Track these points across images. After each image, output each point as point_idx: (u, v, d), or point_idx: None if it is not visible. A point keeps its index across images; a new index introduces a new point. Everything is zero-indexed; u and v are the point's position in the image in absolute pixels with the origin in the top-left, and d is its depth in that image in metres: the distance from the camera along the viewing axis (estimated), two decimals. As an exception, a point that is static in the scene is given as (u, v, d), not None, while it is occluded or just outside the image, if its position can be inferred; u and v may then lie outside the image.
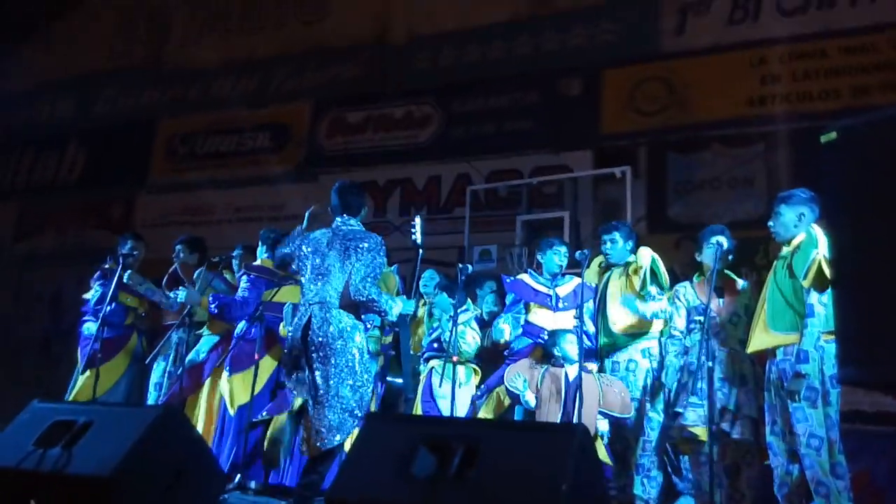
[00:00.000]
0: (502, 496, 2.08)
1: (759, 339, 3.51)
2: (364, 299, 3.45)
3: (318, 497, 3.32)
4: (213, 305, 4.50)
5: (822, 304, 3.35)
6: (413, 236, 3.88)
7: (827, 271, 3.22)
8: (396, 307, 3.55)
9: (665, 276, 4.07)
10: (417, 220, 3.84)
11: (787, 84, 6.43)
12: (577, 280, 4.47)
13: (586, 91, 7.17)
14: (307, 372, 3.47)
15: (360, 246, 3.53)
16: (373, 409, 3.99)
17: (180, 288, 4.65)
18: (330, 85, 8.40)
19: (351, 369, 3.44)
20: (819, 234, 3.33)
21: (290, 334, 3.63)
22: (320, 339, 3.46)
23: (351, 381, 3.43)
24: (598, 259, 4.36)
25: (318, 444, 3.39)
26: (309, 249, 3.67)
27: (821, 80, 6.35)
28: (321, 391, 3.42)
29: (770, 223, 3.62)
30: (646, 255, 4.09)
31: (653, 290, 3.99)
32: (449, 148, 7.61)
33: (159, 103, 9.21)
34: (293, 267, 3.71)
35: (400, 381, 3.88)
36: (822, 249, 3.26)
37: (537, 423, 3.62)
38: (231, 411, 4.36)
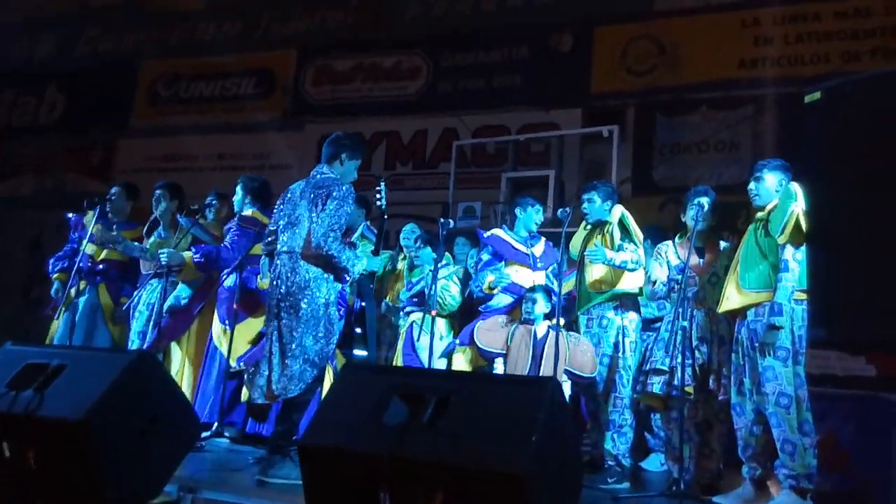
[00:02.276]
0: (473, 445, 2.10)
1: (731, 299, 3.54)
2: (324, 254, 3.39)
3: (293, 446, 3.35)
4: (197, 255, 4.47)
5: (796, 261, 3.38)
6: (378, 201, 3.82)
7: (804, 226, 3.25)
8: (360, 264, 3.52)
9: (636, 231, 4.06)
10: (382, 185, 3.77)
11: (779, 47, 6.38)
12: (543, 240, 4.48)
13: (577, 48, 7.09)
14: (274, 320, 3.47)
15: (328, 194, 3.44)
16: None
17: (163, 251, 4.54)
18: (318, 31, 8.24)
19: (316, 320, 3.44)
20: (797, 190, 3.34)
21: (270, 285, 3.62)
22: (287, 288, 3.45)
23: (314, 332, 3.44)
24: (581, 228, 4.35)
25: (276, 392, 3.42)
26: (286, 199, 3.64)
27: (812, 43, 6.30)
28: (285, 340, 3.43)
29: (751, 187, 3.63)
30: (616, 212, 4.10)
31: (628, 249, 3.99)
32: (437, 101, 7.53)
33: (142, 46, 9.01)
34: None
35: (364, 353, 3.88)
36: (800, 205, 3.28)
37: (510, 376, 3.65)
38: (232, 362, 4.37)
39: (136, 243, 4.82)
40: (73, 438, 2.52)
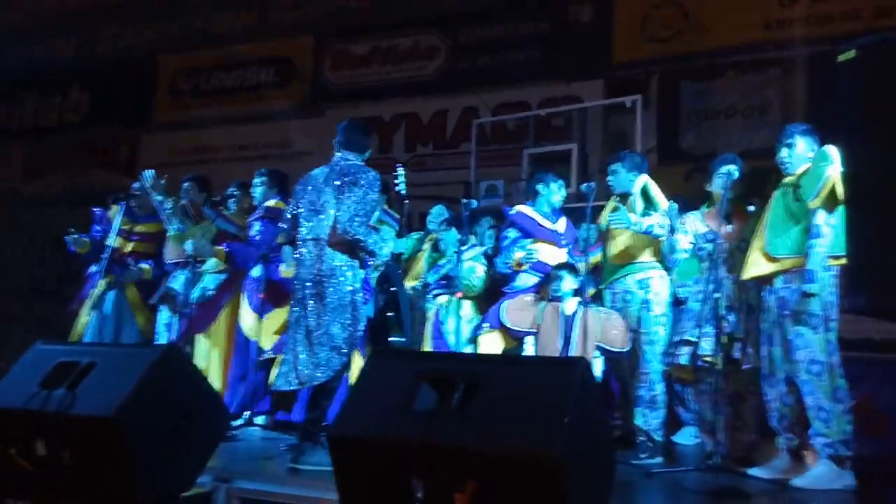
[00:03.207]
0: (504, 430, 2.07)
1: (758, 265, 3.45)
2: (350, 238, 3.40)
3: (323, 432, 3.35)
4: (229, 253, 4.51)
5: (829, 226, 3.27)
6: (398, 186, 3.78)
7: (839, 191, 3.14)
8: (387, 247, 3.51)
9: (660, 200, 3.95)
10: (401, 170, 3.73)
11: (806, 5, 6.17)
12: (564, 216, 4.41)
13: (597, 18, 6.93)
14: (300, 308, 3.45)
15: (355, 181, 3.45)
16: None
17: (188, 240, 4.59)
18: (333, 15, 8.17)
19: (343, 307, 3.43)
20: (833, 153, 3.21)
21: (295, 273, 3.62)
22: (313, 275, 3.44)
23: (341, 319, 3.42)
24: (611, 201, 4.26)
25: (302, 379, 3.41)
26: (308, 186, 3.62)
27: (841, 0, 6.09)
28: (311, 328, 3.41)
29: (783, 154, 3.51)
30: (638, 182, 4.01)
31: (654, 215, 3.90)
32: (456, 80, 7.44)
33: (160, 40, 9.03)
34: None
35: (402, 339, 3.85)
36: (836, 168, 3.16)
37: (539, 358, 3.61)
38: (268, 352, 4.39)
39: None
40: (105, 435, 2.53)
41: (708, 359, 3.55)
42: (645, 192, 3.99)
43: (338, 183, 3.49)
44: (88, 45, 9.46)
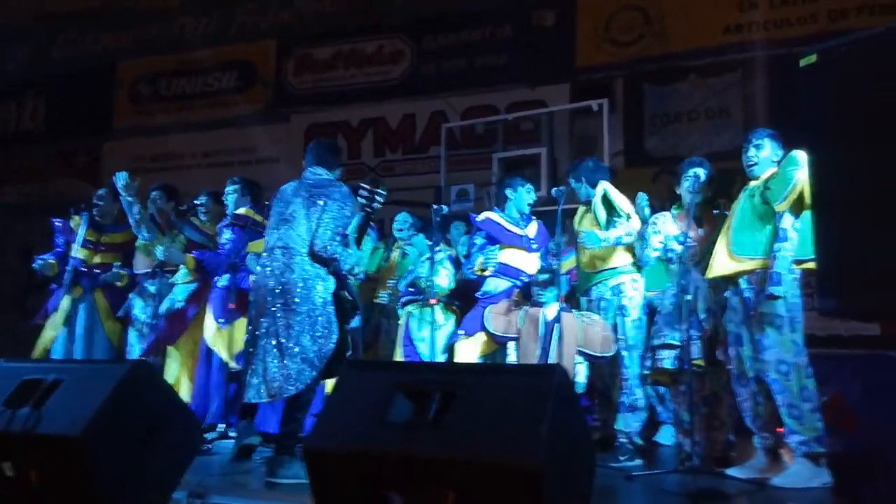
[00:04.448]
0: (481, 440, 2.06)
1: (722, 265, 3.49)
2: (327, 256, 3.41)
3: (299, 444, 3.31)
4: (198, 259, 4.45)
5: (795, 230, 3.34)
6: (367, 207, 3.72)
7: (807, 195, 3.20)
8: (351, 259, 3.54)
9: (621, 203, 3.99)
10: (366, 191, 3.69)
11: (765, 10, 6.31)
12: (535, 220, 4.43)
13: (560, 22, 6.99)
14: (269, 319, 3.42)
15: (328, 195, 3.45)
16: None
17: (158, 247, 4.54)
18: (296, 20, 8.11)
19: (313, 319, 3.39)
20: (802, 157, 3.27)
21: (255, 282, 3.58)
22: (281, 285, 3.41)
23: (312, 332, 3.39)
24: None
25: (272, 393, 3.37)
26: (279, 199, 3.60)
27: (798, 5, 6.22)
28: (282, 339, 3.38)
29: (750, 154, 3.56)
30: (598, 190, 4.05)
31: (619, 223, 3.93)
32: (422, 85, 7.44)
33: (119, 46, 8.87)
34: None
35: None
36: (804, 172, 3.22)
37: (515, 366, 3.61)
38: (231, 363, 4.32)
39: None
40: (73, 454, 2.46)
41: (697, 362, 3.58)
42: (606, 199, 4.02)
43: (306, 195, 3.49)
44: (45, 51, 9.24)
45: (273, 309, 3.41)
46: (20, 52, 9.35)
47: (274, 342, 3.39)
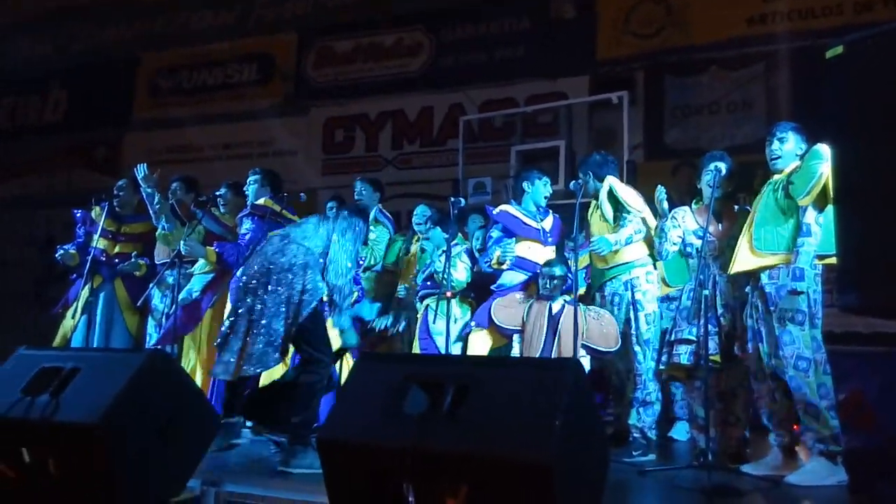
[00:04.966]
0: (495, 434, 2.05)
1: (744, 261, 3.44)
2: (331, 286, 3.51)
3: (313, 434, 3.33)
4: (221, 253, 4.48)
5: (818, 225, 3.29)
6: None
7: (830, 189, 3.14)
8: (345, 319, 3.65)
9: (628, 198, 3.94)
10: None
11: (789, 1, 6.21)
12: (552, 214, 4.40)
13: (581, 14, 6.93)
14: (251, 297, 3.46)
15: (350, 227, 3.61)
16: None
17: (183, 241, 4.57)
18: (316, 12, 8.11)
19: (289, 305, 3.41)
20: (826, 151, 3.21)
21: (248, 263, 3.67)
22: (269, 265, 3.45)
23: (285, 316, 3.41)
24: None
25: (238, 370, 3.40)
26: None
27: (823, -6, 6.12)
28: (255, 316, 3.41)
29: (774, 148, 3.50)
30: (604, 186, 4.01)
31: (628, 221, 3.89)
32: (441, 77, 7.42)
33: (139, 39, 8.93)
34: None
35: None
36: (828, 166, 3.16)
37: (530, 360, 3.59)
38: None
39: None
40: (91, 442, 2.49)
41: (715, 358, 3.54)
42: (612, 195, 3.98)
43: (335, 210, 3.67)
44: (66, 44, 9.33)
45: (252, 286, 3.46)
46: (42, 44, 9.44)
47: (246, 321, 3.43)
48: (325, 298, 3.58)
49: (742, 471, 3.41)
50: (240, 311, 3.48)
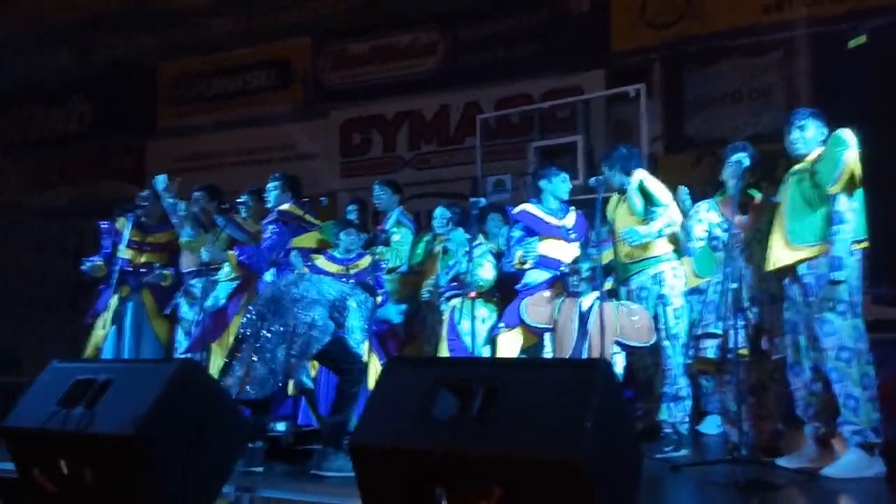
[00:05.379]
0: (526, 436, 2.05)
1: (780, 256, 3.40)
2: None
3: (346, 437, 3.36)
4: (241, 258, 4.49)
5: (851, 211, 3.23)
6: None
7: (858, 174, 3.09)
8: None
9: (658, 192, 3.91)
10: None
11: (806, -15, 6.12)
12: (574, 210, 4.39)
13: (595, 7, 6.89)
14: (258, 321, 3.53)
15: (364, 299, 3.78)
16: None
17: (204, 248, 4.63)
18: (330, 15, 8.14)
19: (295, 336, 3.48)
20: (849, 136, 3.17)
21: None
22: (279, 295, 3.55)
23: (288, 346, 3.47)
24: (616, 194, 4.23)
25: (241, 391, 3.46)
26: None
27: (842, -22, 6.03)
28: (260, 343, 3.47)
29: (794, 136, 3.46)
30: (634, 180, 3.97)
31: (659, 213, 3.87)
32: (456, 76, 7.41)
33: (158, 48, 9.01)
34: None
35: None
36: (853, 151, 3.11)
37: (558, 360, 3.59)
38: None
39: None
40: (125, 453, 2.53)
41: (741, 352, 3.51)
42: (643, 189, 3.95)
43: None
44: (87, 54, 9.45)
45: (261, 312, 3.54)
46: (64, 55, 9.56)
47: (252, 347, 3.50)
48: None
49: (777, 464, 3.38)
50: (248, 335, 3.55)
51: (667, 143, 6.41)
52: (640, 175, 3.99)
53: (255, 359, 3.45)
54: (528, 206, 4.36)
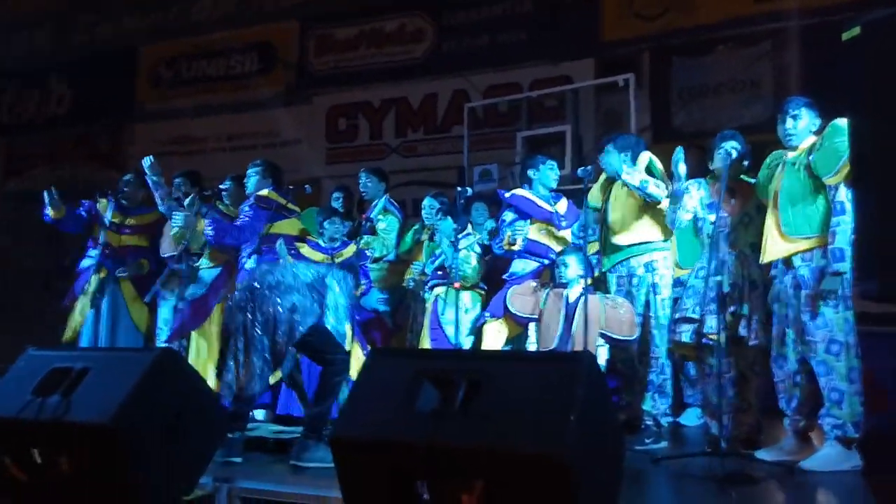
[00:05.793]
0: (509, 429, 2.03)
1: (775, 247, 3.37)
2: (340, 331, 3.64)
3: (326, 428, 3.33)
4: (209, 228, 4.37)
5: (850, 202, 3.19)
6: None
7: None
8: None
9: (663, 173, 3.92)
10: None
11: (797, -24, 6.10)
12: (565, 198, 4.37)
13: (584, -5, 6.84)
14: (241, 314, 3.51)
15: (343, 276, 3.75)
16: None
17: (175, 214, 4.58)
18: (316, 0, 8.03)
19: (277, 322, 3.46)
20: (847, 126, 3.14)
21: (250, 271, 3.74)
22: (256, 284, 3.54)
23: (273, 333, 3.46)
24: (601, 179, 4.19)
25: (241, 389, 3.47)
26: None
27: (830, -29, 6.01)
28: (249, 333, 3.46)
29: (788, 126, 3.43)
30: (643, 159, 3.97)
31: (659, 184, 3.86)
32: (444, 63, 7.34)
33: (139, 29, 8.85)
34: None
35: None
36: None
37: (542, 353, 3.57)
38: None
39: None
40: (102, 442, 2.48)
41: (713, 337, 3.48)
42: (649, 170, 3.94)
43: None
44: (65, 36, 9.27)
45: (242, 304, 3.53)
46: (42, 37, 9.39)
47: (242, 340, 3.49)
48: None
49: (756, 457, 3.38)
50: (233, 329, 3.55)
51: (654, 134, 6.38)
52: (650, 155, 3.99)
53: (250, 350, 3.45)
54: (522, 191, 4.35)
